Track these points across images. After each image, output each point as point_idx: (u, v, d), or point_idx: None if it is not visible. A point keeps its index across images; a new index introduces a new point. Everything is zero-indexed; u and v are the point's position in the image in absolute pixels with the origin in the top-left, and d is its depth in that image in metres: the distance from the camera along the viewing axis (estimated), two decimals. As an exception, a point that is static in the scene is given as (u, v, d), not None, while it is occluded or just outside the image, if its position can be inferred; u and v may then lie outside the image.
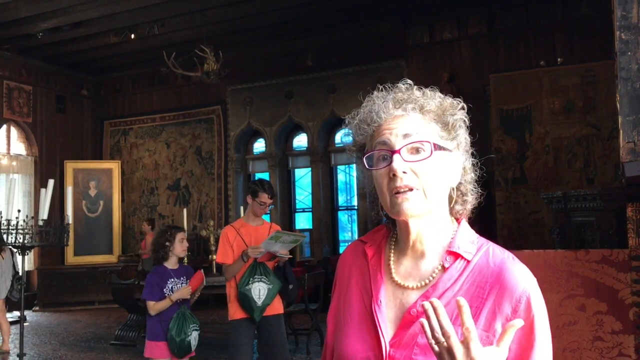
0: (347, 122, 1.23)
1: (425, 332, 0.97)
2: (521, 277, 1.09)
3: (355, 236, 11.95)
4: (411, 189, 1.09)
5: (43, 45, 11.34)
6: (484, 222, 8.56)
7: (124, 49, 11.61)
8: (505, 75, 9.56)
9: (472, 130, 1.25)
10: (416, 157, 1.11)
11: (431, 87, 1.20)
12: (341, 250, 11.83)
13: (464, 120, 1.19)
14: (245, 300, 4.19)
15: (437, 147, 1.12)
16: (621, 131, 2.12)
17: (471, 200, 1.20)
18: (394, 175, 1.09)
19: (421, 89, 1.18)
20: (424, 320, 0.97)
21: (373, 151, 1.14)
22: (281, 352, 4.38)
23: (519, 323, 0.96)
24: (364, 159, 1.15)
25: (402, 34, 10.55)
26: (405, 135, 1.11)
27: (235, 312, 4.28)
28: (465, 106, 1.20)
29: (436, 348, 0.96)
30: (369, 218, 1.28)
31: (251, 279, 4.22)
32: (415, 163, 1.10)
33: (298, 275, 8.64)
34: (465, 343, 0.94)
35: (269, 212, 4.58)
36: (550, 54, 9.38)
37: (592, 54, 8.84)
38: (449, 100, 1.18)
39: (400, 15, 10.31)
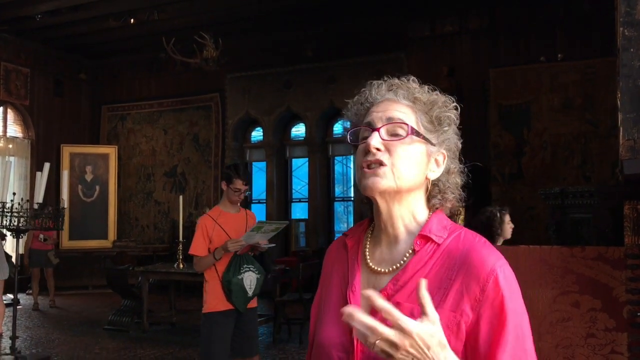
0: (349, 106, 1.27)
1: (359, 336, 0.96)
2: (488, 258, 1.09)
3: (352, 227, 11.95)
4: (381, 164, 1.13)
5: (41, 27, 11.26)
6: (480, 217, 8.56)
7: (123, 34, 11.54)
8: (505, 70, 9.54)
9: (471, 125, 1.26)
10: (393, 137, 1.15)
11: (431, 85, 1.23)
12: (336, 241, 11.83)
13: (454, 120, 1.21)
14: (237, 291, 3.99)
15: (415, 133, 1.15)
16: (621, 128, 2.11)
17: (451, 199, 1.22)
18: (369, 150, 1.13)
19: (419, 82, 1.23)
20: (355, 324, 0.95)
21: (358, 127, 1.20)
22: (255, 344, 4.30)
23: (423, 281, 0.95)
24: (348, 133, 1.21)
25: (402, 27, 10.51)
26: (389, 119, 1.15)
27: (217, 304, 4.03)
28: (458, 106, 1.21)
29: (377, 348, 0.94)
30: (364, 209, 1.31)
31: (241, 268, 4.04)
32: (391, 142, 1.14)
33: (293, 265, 8.65)
34: (395, 324, 0.93)
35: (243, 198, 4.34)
36: (550, 50, 9.35)
37: (593, 50, 8.81)
38: (442, 97, 1.21)
39: (401, 8, 10.26)
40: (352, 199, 11.64)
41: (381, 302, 0.94)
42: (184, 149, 12.69)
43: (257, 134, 12.47)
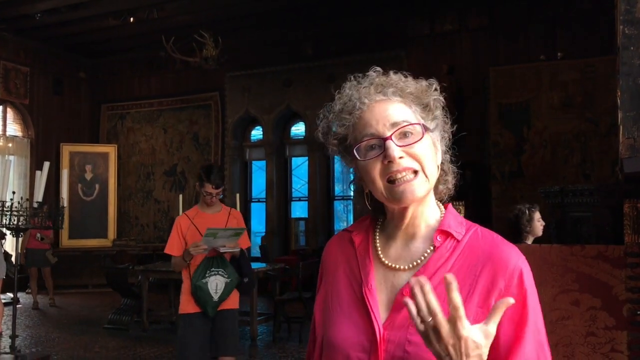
0: (321, 117, 1.21)
1: (409, 311, 0.96)
2: (512, 254, 1.10)
3: (351, 226, 11.95)
4: (415, 171, 1.10)
5: (41, 26, 11.25)
6: (480, 215, 8.57)
7: (122, 32, 11.54)
8: (505, 69, 9.54)
9: (471, 123, 1.25)
10: (407, 140, 1.10)
11: (401, 72, 1.19)
12: (335, 239, 11.83)
13: (442, 101, 1.18)
14: (200, 295, 3.91)
15: (425, 129, 1.12)
16: (621, 127, 2.10)
17: (451, 179, 1.20)
18: (390, 162, 1.08)
19: (396, 72, 1.18)
20: (407, 299, 0.96)
21: (360, 143, 1.12)
22: (231, 343, 4.09)
23: (510, 301, 0.96)
24: (354, 150, 1.13)
25: (402, 25, 10.50)
26: (393, 125, 1.10)
27: (187, 305, 3.99)
28: (438, 87, 1.19)
29: (421, 327, 0.95)
30: (364, 208, 1.28)
31: (208, 271, 3.95)
32: (409, 147, 1.10)
33: (293, 263, 8.65)
34: (452, 320, 0.93)
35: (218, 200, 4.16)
36: (550, 49, 9.35)
37: (593, 49, 8.81)
38: (423, 82, 1.18)
39: (401, 6, 10.26)
40: (352, 197, 11.61)
41: (456, 295, 0.93)
42: (183, 147, 12.68)
43: (256, 133, 12.47)
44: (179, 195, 7.62)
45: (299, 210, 12.27)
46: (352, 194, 1.35)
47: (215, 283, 3.94)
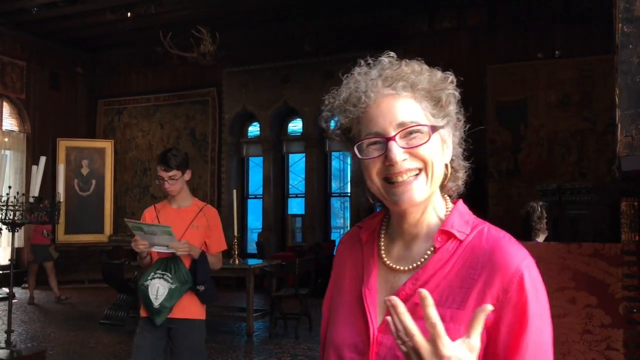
0: (327, 103, 1.13)
1: (392, 332, 0.91)
2: (515, 256, 1.02)
3: (348, 223, 11.97)
4: (418, 172, 1.04)
5: (38, 20, 11.21)
6: (476, 213, 8.57)
7: (120, 27, 11.50)
8: (503, 67, 9.54)
9: (468, 121, 1.20)
10: (412, 141, 1.04)
11: (417, 59, 1.11)
12: (333, 236, 11.85)
13: (456, 95, 1.11)
14: (143, 298, 3.50)
15: (434, 130, 1.05)
16: (619, 125, 2.10)
17: (462, 176, 1.15)
18: (390, 165, 1.03)
19: (408, 63, 1.09)
20: (389, 319, 0.91)
21: (362, 140, 1.06)
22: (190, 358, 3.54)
23: (488, 307, 0.88)
24: (355, 148, 1.06)
25: (401, 22, 10.49)
26: (400, 125, 1.03)
27: (141, 308, 3.61)
28: (454, 80, 1.12)
29: (403, 348, 0.89)
30: (361, 205, 1.24)
31: (152, 273, 3.53)
32: (414, 148, 1.03)
33: (289, 260, 8.65)
34: (432, 340, 0.86)
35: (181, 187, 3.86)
36: (548, 47, 9.35)
37: (591, 48, 8.81)
38: (438, 74, 1.10)
39: (399, 3, 10.24)
40: (349, 194, 11.64)
41: (433, 312, 0.87)
42: (180, 143, 12.65)
43: (254, 129, 12.45)
44: (176, 191, 7.58)
45: (295, 206, 12.27)
46: (349, 191, 1.32)
47: (157, 287, 3.47)
